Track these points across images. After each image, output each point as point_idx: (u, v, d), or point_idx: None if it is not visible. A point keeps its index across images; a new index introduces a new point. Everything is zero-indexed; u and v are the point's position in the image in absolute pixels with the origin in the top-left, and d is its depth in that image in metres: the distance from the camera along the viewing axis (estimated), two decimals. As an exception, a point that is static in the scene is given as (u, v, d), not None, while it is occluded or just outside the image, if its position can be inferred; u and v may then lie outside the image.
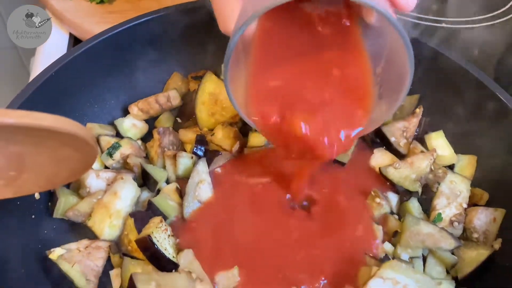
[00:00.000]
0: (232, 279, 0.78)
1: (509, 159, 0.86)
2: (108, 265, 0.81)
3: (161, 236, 0.76)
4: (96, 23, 1.16)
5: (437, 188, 0.88)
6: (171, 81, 1.04)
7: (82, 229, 0.83)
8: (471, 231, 0.85)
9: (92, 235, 0.82)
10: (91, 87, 0.95)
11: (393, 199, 0.89)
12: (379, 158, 0.94)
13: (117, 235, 0.82)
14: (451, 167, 0.93)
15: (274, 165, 0.89)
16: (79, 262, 0.77)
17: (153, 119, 1.01)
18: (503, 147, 0.88)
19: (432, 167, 0.89)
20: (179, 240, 0.80)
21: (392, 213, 0.89)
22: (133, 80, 1.00)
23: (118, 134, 0.97)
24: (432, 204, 0.87)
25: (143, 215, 0.81)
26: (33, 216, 0.81)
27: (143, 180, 0.88)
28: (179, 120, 1.02)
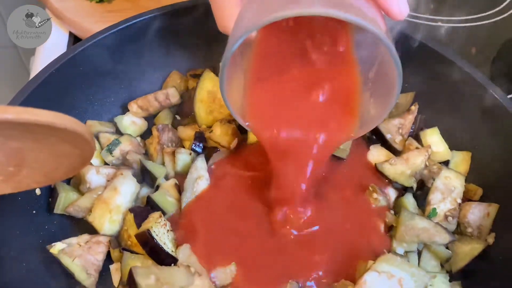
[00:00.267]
0: (229, 274, 0.78)
1: (503, 155, 0.87)
2: (108, 260, 0.82)
3: (160, 230, 0.77)
4: (95, 22, 1.17)
5: (432, 183, 0.89)
6: (170, 79, 1.05)
7: (82, 224, 0.84)
8: (465, 225, 0.86)
9: (92, 230, 0.83)
10: (91, 85, 0.96)
11: (392, 195, 0.90)
12: (375, 154, 0.95)
13: (117, 230, 0.83)
14: (446, 163, 0.94)
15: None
16: (80, 256, 0.77)
17: (152, 117, 1.02)
18: (497, 144, 0.88)
19: (427, 163, 0.90)
20: (175, 234, 0.81)
21: (388, 208, 0.90)
22: (133, 78, 1.01)
23: (117, 131, 0.98)
24: (427, 199, 0.88)
25: (142, 210, 0.82)
26: (34, 211, 0.82)
27: (143, 176, 0.89)
28: (178, 117, 1.03)
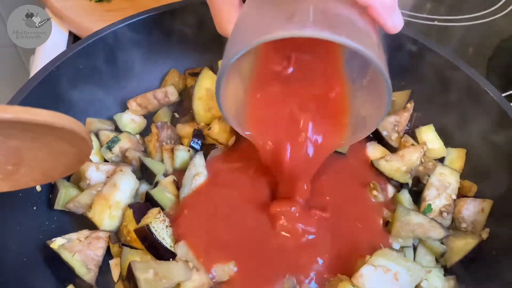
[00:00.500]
0: (227, 271, 0.79)
1: (497, 152, 0.88)
2: (107, 255, 0.83)
3: (159, 226, 0.78)
4: (95, 21, 1.17)
5: (427, 180, 0.90)
6: (168, 77, 1.06)
7: (82, 220, 0.85)
8: (460, 221, 0.87)
9: (92, 226, 0.83)
10: (91, 83, 0.96)
11: (391, 191, 0.91)
12: (372, 151, 0.96)
13: (116, 225, 0.84)
14: (441, 160, 0.95)
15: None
16: (80, 251, 0.78)
17: (151, 115, 1.03)
18: (492, 141, 0.89)
19: (422, 160, 0.91)
20: (173, 229, 0.81)
21: (386, 204, 0.90)
22: (132, 76, 1.02)
23: (117, 128, 0.99)
24: (422, 195, 0.89)
25: (141, 206, 0.83)
26: (35, 207, 0.83)
27: (142, 173, 0.90)
28: (176, 115, 1.04)
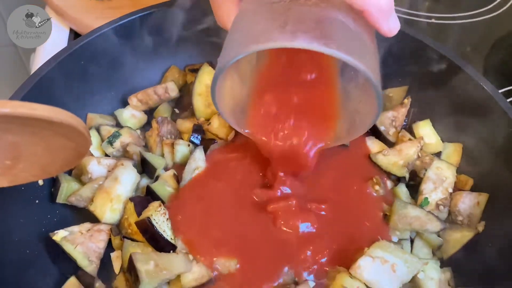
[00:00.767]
0: (228, 267, 0.80)
1: (493, 147, 0.89)
2: (109, 248, 0.84)
3: (160, 219, 0.79)
4: (95, 18, 1.18)
5: (424, 174, 0.91)
6: (169, 73, 1.07)
7: (84, 214, 0.86)
8: (456, 214, 0.88)
9: (93, 219, 0.84)
10: (92, 79, 0.97)
11: (389, 186, 0.92)
12: (370, 146, 0.97)
13: (117, 218, 0.85)
14: (438, 155, 0.96)
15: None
16: (82, 244, 0.79)
17: (152, 110, 1.04)
18: (488, 136, 0.90)
19: (419, 154, 0.92)
20: (172, 220, 0.82)
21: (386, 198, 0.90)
22: (132, 72, 1.03)
23: (118, 124, 1.00)
24: (419, 189, 0.90)
25: (142, 199, 0.84)
26: (37, 201, 0.84)
27: (142, 167, 0.91)
28: (176, 110, 1.05)
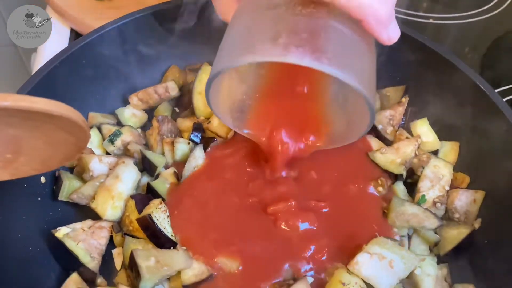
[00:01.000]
0: (229, 266, 0.80)
1: (489, 145, 0.90)
2: (110, 245, 0.85)
3: (161, 216, 0.80)
4: (96, 18, 1.19)
5: (421, 172, 0.92)
6: (169, 73, 1.08)
7: (85, 211, 0.87)
8: (453, 211, 0.89)
9: (95, 216, 0.85)
10: (93, 78, 0.98)
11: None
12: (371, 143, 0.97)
13: (119, 216, 0.86)
14: (435, 153, 0.97)
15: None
16: (84, 240, 0.80)
17: (152, 109, 1.05)
18: (484, 135, 0.91)
19: (416, 153, 0.93)
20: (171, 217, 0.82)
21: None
22: (133, 71, 1.04)
23: (119, 123, 1.01)
24: (416, 186, 0.91)
25: (143, 197, 0.85)
26: (39, 198, 0.85)
27: (143, 165, 0.92)
28: (177, 109, 1.06)
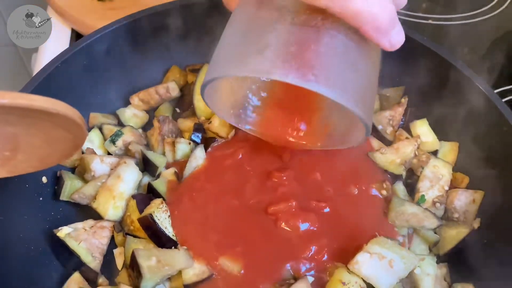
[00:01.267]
0: (231, 268, 0.80)
1: (488, 146, 0.91)
2: (111, 245, 0.86)
3: (162, 215, 0.81)
4: (97, 19, 1.19)
5: (421, 172, 0.92)
6: (170, 73, 1.08)
7: (87, 211, 0.87)
8: (452, 211, 0.89)
9: (96, 216, 0.86)
10: (94, 79, 0.99)
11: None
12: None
13: (120, 215, 0.86)
14: (435, 153, 0.97)
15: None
16: (85, 240, 0.81)
17: (153, 110, 1.05)
18: (483, 135, 0.92)
19: (416, 153, 0.94)
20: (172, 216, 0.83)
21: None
22: (134, 72, 1.04)
23: (120, 123, 1.01)
24: (416, 186, 0.91)
25: (144, 197, 0.85)
26: (41, 198, 0.86)
27: (144, 165, 0.92)
28: (177, 110, 1.06)
